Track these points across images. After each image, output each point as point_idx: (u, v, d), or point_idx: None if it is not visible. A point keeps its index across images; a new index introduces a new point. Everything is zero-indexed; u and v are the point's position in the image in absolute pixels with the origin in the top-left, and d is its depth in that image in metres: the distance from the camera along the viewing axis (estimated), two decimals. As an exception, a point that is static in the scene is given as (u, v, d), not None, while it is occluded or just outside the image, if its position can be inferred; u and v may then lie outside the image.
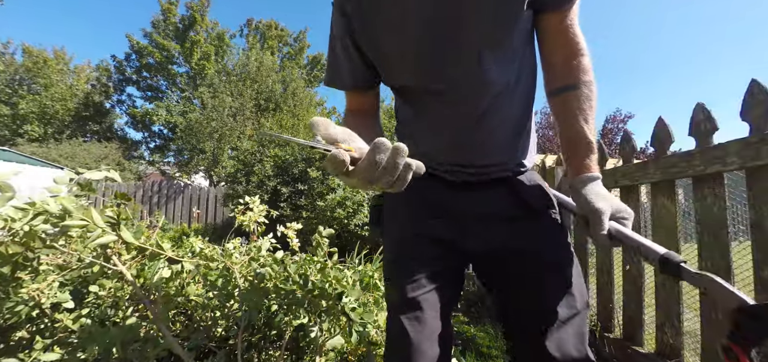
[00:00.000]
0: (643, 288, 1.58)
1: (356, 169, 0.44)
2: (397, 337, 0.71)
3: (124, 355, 1.00)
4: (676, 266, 0.53)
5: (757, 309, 0.45)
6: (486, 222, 0.74)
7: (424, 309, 0.70)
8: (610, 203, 0.63)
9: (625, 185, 1.65)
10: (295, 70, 16.30)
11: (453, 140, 0.73)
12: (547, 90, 0.72)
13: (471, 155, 0.73)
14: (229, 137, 13.05)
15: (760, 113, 1.10)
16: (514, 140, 0.75)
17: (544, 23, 0.69)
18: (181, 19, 17.78)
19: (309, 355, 1.37)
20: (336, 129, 0.48)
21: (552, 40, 0.69)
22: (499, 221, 0.74)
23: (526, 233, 0.73)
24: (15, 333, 1.07)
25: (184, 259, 1.20)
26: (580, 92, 0.67)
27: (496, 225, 0.74)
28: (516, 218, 0.74)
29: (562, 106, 0.69)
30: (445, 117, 0.72)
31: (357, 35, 0.73)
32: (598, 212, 0.62)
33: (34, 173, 8.76)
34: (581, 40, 0.68)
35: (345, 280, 1.34)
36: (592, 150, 0.67)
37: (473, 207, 0.75)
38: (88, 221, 0.87)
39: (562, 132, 0.71)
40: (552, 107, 0.73)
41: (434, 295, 0.72)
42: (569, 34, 0.67)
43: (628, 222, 0.63)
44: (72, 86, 18.35)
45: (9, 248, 0.86)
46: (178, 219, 9.04)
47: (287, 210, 4.96)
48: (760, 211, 1.11)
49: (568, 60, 0.68)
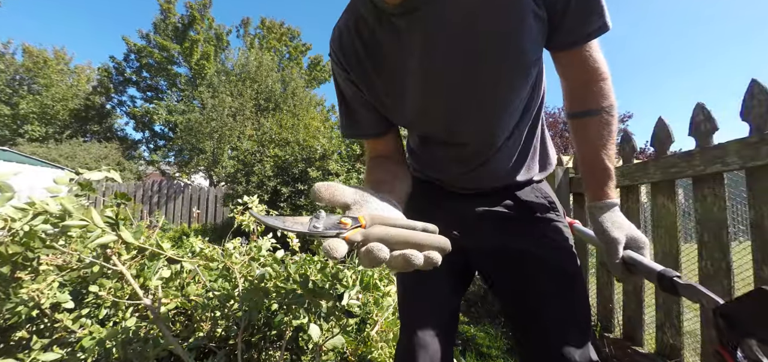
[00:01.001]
0: (643, 288, 1.58)
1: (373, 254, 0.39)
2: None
3: (124, 355, 1.00)
4: (670, 281, 0.55)
5: (728, 308, 0.45)
6: (487, 221, 0.76)
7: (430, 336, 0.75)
8: (625, 232, 0.64)
9: (625, 185, 1.65)
10: (294, 70, 16.29)
11: (463, 174, 0.76)
12: (567, 112, 0.72)
13: (480, 182, 0.76)
14: (229, 137, 13.05)
15: (760, 112, 1.10)
16: (525, 163, 0.76)
17: (562, 57, 0.68)
18: (180, 18, 17.78)
19: (309, 355, 1.37)
20: (345, 192, 0.45)
21: (571, 69, 0.68)
22: (501, 219, 0.75)
23: (528, 235, 0.74)
24: (15, 333, 1.07)
25: (183, 259, 1.20)
26: (600, 118, 0.67)
27: (497, 224, 0.75)
28: (518, 219, 0.75)
29: (581, 130, 0.70)
30: (455, 158, 0.75)
31: (367, 96, 0.71)
32: (613, 242, 0.63)
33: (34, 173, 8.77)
34: (602, 64, 0.66)
35: (345, 280, 1.34)
36: (610, 177, 0.68)
37: (474, 208, 0.77)
38: (88, 222, 0.87)
39: (580, 155, 0.71)
40: (571, 128, 0.73)
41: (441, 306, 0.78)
42: (589, 62, 0.66)
43: (644, 251, 0.63)
44: (72, 86, 18.35)
45: (9, 248, 0.86)
46: (178, 219, 9.04)
47: (287, 210, 4.96)
48: (760, 211, 1.11)
49: (588, 85, 0.67)
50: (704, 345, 1.27)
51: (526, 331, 0.72)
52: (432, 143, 0.77)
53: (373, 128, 0.75)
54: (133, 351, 1.04)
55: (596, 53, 0.66)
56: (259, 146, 6.98)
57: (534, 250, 0.72)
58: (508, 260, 0.74)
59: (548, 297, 0.69)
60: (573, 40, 0.63)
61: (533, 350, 0.70)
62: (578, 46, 0.64)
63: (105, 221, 0.95)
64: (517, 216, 0.75)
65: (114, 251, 1.03)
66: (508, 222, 0.75)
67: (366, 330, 1.71)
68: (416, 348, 0.73)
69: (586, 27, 0.61)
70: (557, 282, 0.70)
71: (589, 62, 0.66)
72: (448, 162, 0.76)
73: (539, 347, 0.68)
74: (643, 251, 0.63)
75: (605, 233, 0.64)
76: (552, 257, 0.72)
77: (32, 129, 16.22)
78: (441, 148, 0.76)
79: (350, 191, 0.46)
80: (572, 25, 0.61)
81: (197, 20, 17.71)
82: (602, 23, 0.61)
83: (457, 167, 0.75)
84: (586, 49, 0.65)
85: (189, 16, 17.70)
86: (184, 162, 16.30)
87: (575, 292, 0.70)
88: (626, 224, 0.65)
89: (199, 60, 17.84)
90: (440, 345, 0.75)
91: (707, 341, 1.26)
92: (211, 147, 13.47)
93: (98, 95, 18.68)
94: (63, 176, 0.95)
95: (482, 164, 0.73)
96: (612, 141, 0.68)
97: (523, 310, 0.72)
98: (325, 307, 1.27)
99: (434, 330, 0.75)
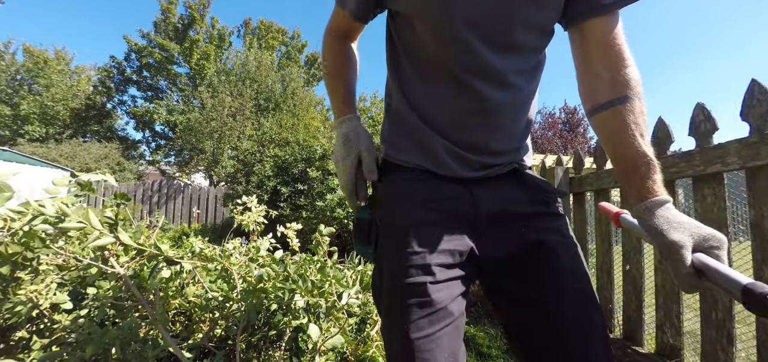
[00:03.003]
0: (643, 288, 1.58)
1: None
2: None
3: (123, 356, 1.00)
4: (762, 298, 0.41)
5: None
6: (500, 222, 0.65)
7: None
8: (690, 230, 0.51)
9: (625, 185, 1.65)
10: (294, 70, 16.30)
11: (468, 120, 0.66)
12: (591, 106, 0.63)
13: (486, 137, 0.66)
14: (229, 137, 13.06)
15: (760, 112, 1.10)
16: (522, 136, 0.72)
17: (588, 32, 0.62)
18: (180, 18, 17.79)
19: (308, 355, 1.37)
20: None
21: (598, 49, 0.61)
22: (514, 219, 0.65)
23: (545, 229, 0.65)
24: (15, 333, 1.07)
25: (183, 260, 1.20)
26: (634, 105, 0.58)
27: (512, 224, 0.65)
28: (533, 215, 0.66)
29: (613, 121, 0.59)
30: (465, 97, 0.65)
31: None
32: (675, 247, 0.50)
33: (34, 173, 8.77)
34: (628, 52, 0.60)
35: (344, 280, 1.34)
36: (655, 169, 0.56)
37: (486, 205, 0.65)
38: (86, 223, 0.87)
39: (616, 151, 0.60)
40: (599, 124, 0.62)
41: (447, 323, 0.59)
42: (617, 41, 0.60)
43: (721, 253, 0.50)
44: (72, 86, 18.35)
45: (9, 248, 0.86)
46: (178, 219, 9.04)
47: (287, 210, 4.96)
48: (760, 211, 1.10)
49: (618, 70, 0.59)
50: (704, 345, 1.27)
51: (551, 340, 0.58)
52: (448, 74, 0.66)
53: (365, 10, 0.76)
54: (132, 351, 1.04)
55: (623, 35, 0.61)
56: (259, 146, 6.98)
57: (558, 250, 0.62)
58: (527, 265, 0.63)
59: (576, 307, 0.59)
60: (600, 5, 0.59)
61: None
62: (611, 11, 0.59)
63: (104, 221, 0.95)
64: (532, 211, 0.66)
65: (112, 252, 1.03)
66: (526, 219, 0.65)
67: (366, 330, 1.71)
68: None
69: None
70: (582, 288, 0.61)
71: (618, 41, 0.60)
72: (454, 98, 0.66)
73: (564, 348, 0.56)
74: (719, 253, 0.50)
75: (663, 236, 0.52)
76: (571, 258, 0.63)
77: (32, 129, 16.23)
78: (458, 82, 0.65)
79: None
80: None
81: (197, 21, 17.73)
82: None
83: (464, 101, 0.65)
84: (617, 26, 0.59)
85: (189, 17, 17.71)
86: (184, 162, 16.31)
87: (596, 299, 0.61)
88: (688, 221, 0.52)
89: (199, 60, 17.85)
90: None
91: (707, 341, 1.26)
92: (211, 147, 13.47)
93: (99, 94, 18.69)
94: (62, 177, 0.95)
95: (497, 108, 0.65)
96: (648, 132, 0.58)
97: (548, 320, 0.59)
98: (324, 307, 1.27)
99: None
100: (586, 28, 0.62)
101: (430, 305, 0.57)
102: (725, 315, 1.20)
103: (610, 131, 0.60)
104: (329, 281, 1.30)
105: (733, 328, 1.18)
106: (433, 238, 0.61)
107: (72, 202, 0.93)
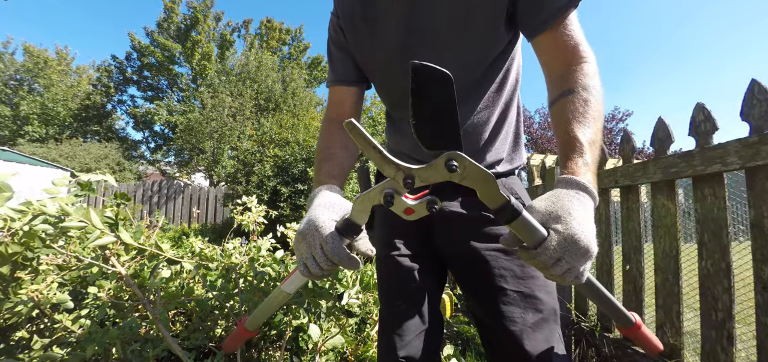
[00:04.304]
0: (643, 288, 1.58)
1: None
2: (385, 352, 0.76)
3: (124, 355, 1.00)
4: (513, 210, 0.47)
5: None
6: (451, 223, 0.76)
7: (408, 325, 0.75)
8: (546, 207, 0.51)
9: (625, 185, 1.65)
10: (295, 71, 16.31)
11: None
12: (548, 103, 0.68)
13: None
14: (229, 137, 13.06)
15: (760, 112, 1.10)
16: (493, 145, 0.78)
17: (535, 43, 0.68)
18: (183, 18, 17.79)
19: (308, 355, 1.37)
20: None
21: (548, 54, 0.66)
22: (464, 221, 0.75)
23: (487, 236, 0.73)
24: (15, 333, 1.07)
25: (183, 259, 1.20)
26: (576, 96, 0.60)
27: (460, 226, 0.76)
28: (479, 220, 0.75)
29: (557, 112, 0.63)
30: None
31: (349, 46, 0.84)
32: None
33: (34, 173, 8.78)
34: (581, 46, 0.63)
35: (344, 280, 1.34)
36: (579, 152, 0.56)
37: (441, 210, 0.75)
38: (87, 223, 0.87)
39: (557, 137, 0.63)
40: (551, 119, 0.67)
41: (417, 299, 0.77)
42: (564, 44, 0.63)
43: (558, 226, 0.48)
44: (72, 86, 18.34)
45: (9, 248, 0.86)
46: (178, 219, 9.04)
47: (287, 210, 4.96)
48: (760, 211, 1.10)
49: (567, 67, 0.63)
50: (704, 345, 1.27)
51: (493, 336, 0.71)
52: (397, 105, 0.85)
53: (347, 74, 0.86)
54: (132, 351, 1.04)
55: (574, 34, 0.63)
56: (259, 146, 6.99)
57: (495, 257, 0.71)
58: (468, 261, 0.74)
59: (509, 296, 0.68)
60: (544, 18, 0.63)
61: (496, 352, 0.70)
62: (547, 28, 0.64)
63: (104, 221, 0.95)
64: (479, 216, 0.74)
65: (113, 252, 1.03)
66: (470, 222, 0.74)
67: (366, 330, 1.71)
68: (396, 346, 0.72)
69: (555, 1, 0.62)
70: (520, 292, 0.68)
71: (565, 44, 0.63)
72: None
73: (501, 346, 0.67)
74: (556, 226, 0.49)
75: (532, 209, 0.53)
76: (514, 266, 0.70)
77: (32, 130, 16.23)
78: (404, 109, 0.81)
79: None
80: (539, 3, 0.63)
81: (200, 22, 17.73)
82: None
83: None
84: (562, 30, 0.63)
85: (192, 17, 17.72)
86: (184, 162, 16.32)
87: (538, 295, 0.68)
88: (561, 202, 0.50)
89: (200, 60, 17.85)
90: (423, 343, 0.74)
91: (707, 341, 1.26)
92: (211, 147, 13.48)
93: (98, 94, 18.68)
94: (62, 177, 0.95)
95: None
96: (591, 119, 0.58)
97: (485, 312, 0.71)
98: (324, 307, 1.27)
99: (416, 329, 0.75)
100: (536, 43, 0.68)
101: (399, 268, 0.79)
102: (725, 315, 1.20)
103: (555, 122, 0.65)
104: (329, 281, 1.30)
105: (733, 328, 1.18)
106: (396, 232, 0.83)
107: (72, 202, 0.93)
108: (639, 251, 1.60)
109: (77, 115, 17.99)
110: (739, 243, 1.84)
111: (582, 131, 0.57)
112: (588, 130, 0.57)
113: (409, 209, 0.50)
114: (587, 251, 0.47)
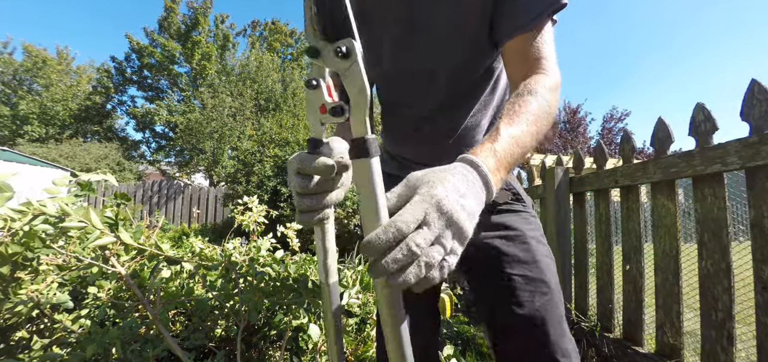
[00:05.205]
0: (643, 288, 1.58)
1: None
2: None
3: (124, 355, 1.00)
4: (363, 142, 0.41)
5: None
6: None
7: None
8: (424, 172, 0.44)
9: (625, 185, 1.65)
10: (296, 71, 16.31)
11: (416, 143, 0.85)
12: None
13: (430, 157, 0.72)
14: (229, 137, 13.06)
15: (760, 112, 1.10)
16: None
17: (503, 51, 0.68)
18: (183, 18, 17.78)
19: (308, 355, 1.37)
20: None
21: (513, 63, 0.66)
22: None
23: (490, 229, 0.73)
24: (15, 333, 1.07)
25: (183, 259, 1.20)
26: (519, 98, 0.56)
27: None
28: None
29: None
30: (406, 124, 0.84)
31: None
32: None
33: (34, 173, 8.77)
34: (546, 61, 0.62)
35: (345, 280, 1.34)
36: (492, 139, 0.50)
37: None
38: (87, 223, 0.87)
39: None
40: None
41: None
42: (530, 54, 0.62)
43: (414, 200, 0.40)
44: (72, 86, 18.33)
45: (9, 248, 0.86)
46: (178, 219, 9.04)
47: (287, 210, 4.96)
48: (760, 211, 1.11)
49: (526, 78, 0.61)
50: (704, 345, 1.27)
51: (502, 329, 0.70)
52: (393, 107, 0.87)
53: None
54: (132, 351, 1.04)
55: (543, 49, 0.62)
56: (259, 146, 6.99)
57: (497, 244, 0.72)
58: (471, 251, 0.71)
59: (516, 291, 0.68)
60: (516, 25, 0.63)
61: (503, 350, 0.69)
62: (516, 35, 0.63)
63: (104, 221, 0.95)
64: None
65: (113, 252, 1.03)
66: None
67: (366, 330, 1.71)
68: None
69: (528, 12, 0.61)
70: (525, 275, 0.69)
71: (529, 56, 0.62)
72: (404, 128, 0.85)
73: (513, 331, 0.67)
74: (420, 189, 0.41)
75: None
76: (518, 251, 0.71)
77: (32, 129, 16.22)
78: (397, 111, 0.84)
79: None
80: (513, 9, 0.63)
81: (201, 23, 17.71)
82: (543, 9, 0.60)
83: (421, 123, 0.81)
84: (529, 43, 0.62)
85: (192, 18, 17.70)
86: (185, 162, 16.31)
87: (546, 285, 0.69)
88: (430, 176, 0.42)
89: (200, 60, 17.84)
90: (421, 342, 0.75)
91: (707, 341, 1.26)
92: (211, 147, 13.48)
93: (98, 94, 18.67)
94: (62, 177, 0.95)
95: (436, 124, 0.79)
96: (523, 120, 0.53)
97: (496, 300, 0.70)
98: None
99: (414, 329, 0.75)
100: (504, 50, 0.68)
101: None
102: (725, 315, 1.20)
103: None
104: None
105: (733, 328, 1.18)
106: None
107: (72, 202, 0.93)
108: (639, 251, 1.60)
109: (77, 115, 17.97)
110: (739, 243, 1.84)
111: (506, 126, 0.52)
112: (515, 128, 0.52)
113: (323, 106, 0.47)
114: (452, 219, 0.38)
